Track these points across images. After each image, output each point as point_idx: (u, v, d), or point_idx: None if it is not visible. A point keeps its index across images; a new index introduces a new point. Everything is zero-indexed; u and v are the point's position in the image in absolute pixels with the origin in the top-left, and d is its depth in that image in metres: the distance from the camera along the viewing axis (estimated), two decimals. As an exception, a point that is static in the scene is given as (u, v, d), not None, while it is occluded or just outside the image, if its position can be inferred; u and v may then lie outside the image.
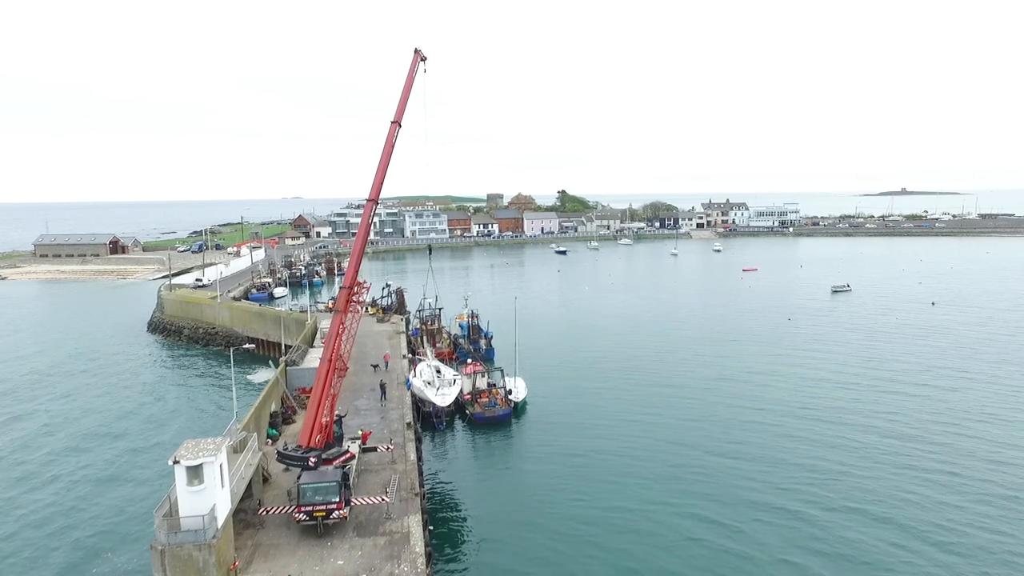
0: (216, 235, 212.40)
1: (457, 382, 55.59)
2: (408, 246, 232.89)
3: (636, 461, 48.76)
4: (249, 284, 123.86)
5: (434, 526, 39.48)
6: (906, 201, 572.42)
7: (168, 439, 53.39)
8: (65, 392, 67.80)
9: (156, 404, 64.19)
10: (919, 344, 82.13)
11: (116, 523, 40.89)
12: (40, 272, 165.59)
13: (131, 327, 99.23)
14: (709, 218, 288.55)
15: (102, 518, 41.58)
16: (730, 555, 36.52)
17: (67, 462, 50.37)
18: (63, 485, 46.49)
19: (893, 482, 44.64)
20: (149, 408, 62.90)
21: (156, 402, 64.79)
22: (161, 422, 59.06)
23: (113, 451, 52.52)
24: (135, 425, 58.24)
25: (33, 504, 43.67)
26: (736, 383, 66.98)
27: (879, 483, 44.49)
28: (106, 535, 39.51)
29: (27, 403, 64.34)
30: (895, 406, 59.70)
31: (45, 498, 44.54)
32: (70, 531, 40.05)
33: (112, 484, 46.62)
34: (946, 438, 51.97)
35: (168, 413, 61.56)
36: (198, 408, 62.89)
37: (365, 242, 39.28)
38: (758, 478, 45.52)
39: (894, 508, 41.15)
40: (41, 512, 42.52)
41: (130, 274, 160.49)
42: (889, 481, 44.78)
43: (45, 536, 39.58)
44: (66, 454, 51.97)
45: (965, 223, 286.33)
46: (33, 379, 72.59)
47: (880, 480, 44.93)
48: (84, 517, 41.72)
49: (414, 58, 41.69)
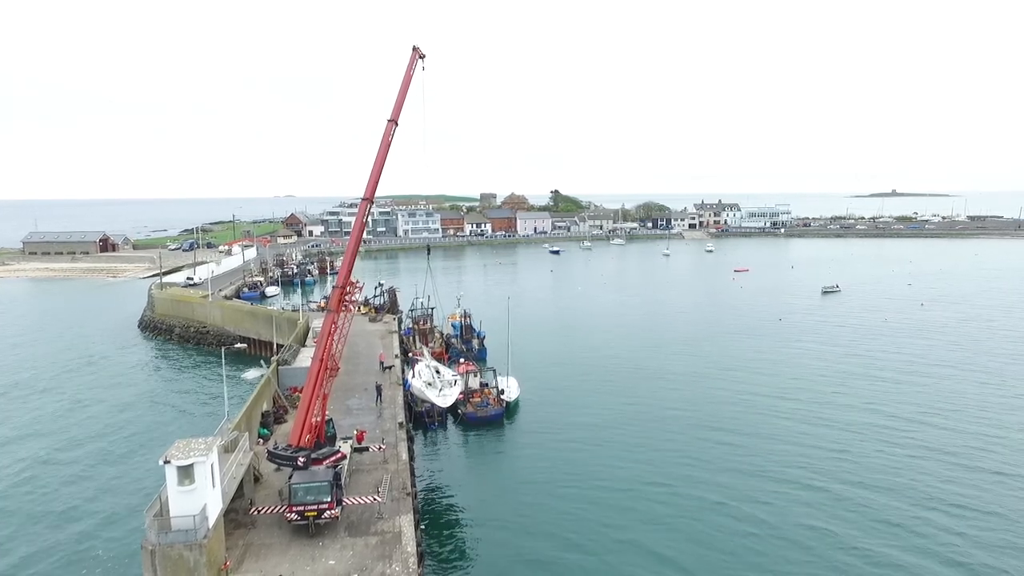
0: (207, 233, 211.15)
1: (458, 383, 55.62)
2: (401, 245, 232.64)
3: (627, 461, 48.97)
4: (241, 283, 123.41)
5: (426, 526, 39.54)
6: (896, 203, 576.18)
7: (159, 438, 53.12)
8: (53, 391, 67.32)
9: (147, 404, 63.86)
10: (906, 342, 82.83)
11: (106, 523, 40.68)
12: (29, 270, 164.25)
13: (121, 326, 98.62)
14: (701, 219, 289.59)
15: (92, 518, 41.34)
16: (724, 556, 36.76)
17: (56, 462, 50.02)
18: (52, 485, 46.18)
19: (875, 461, 45.35)
20: (139, 408, 62.57)
21: (147, 401, 64.46)
22: (152, 421, 58.76)
23: (103, 451, 52.21)
24: (125, 425, 57.90)
25: (22, 504, 43.36)
26: (726, 382, 67.32)
27: (865, 463, 45.24)
28: (96, 535, 39.30)
29: (15, 402, 63.85)
30: (877, 398, 61.06)
31: (33, 498, 44.23)
32: (59, 531, 39.82)
33: (102, 484, 46.35)
34: (930, 426, 52.76)
35: (159, 412, 61.26)
36: (189, 408, 62.64)
37: (359, 241, 39.21)
38: (750, 473, 45.86)
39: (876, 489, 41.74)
40: (30, 512, 42.22)
41: (120, 272, 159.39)
42: (871, 460, 45.48)
43: (34, 536, 39.31)
44: (55, 454, 51.62)
45: (954, 225, 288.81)
46: (21, 378, 72.03)
47: (862, 460, 45.60)
48: (73, 517, 41.47)
49: (412, 56, 41.58)
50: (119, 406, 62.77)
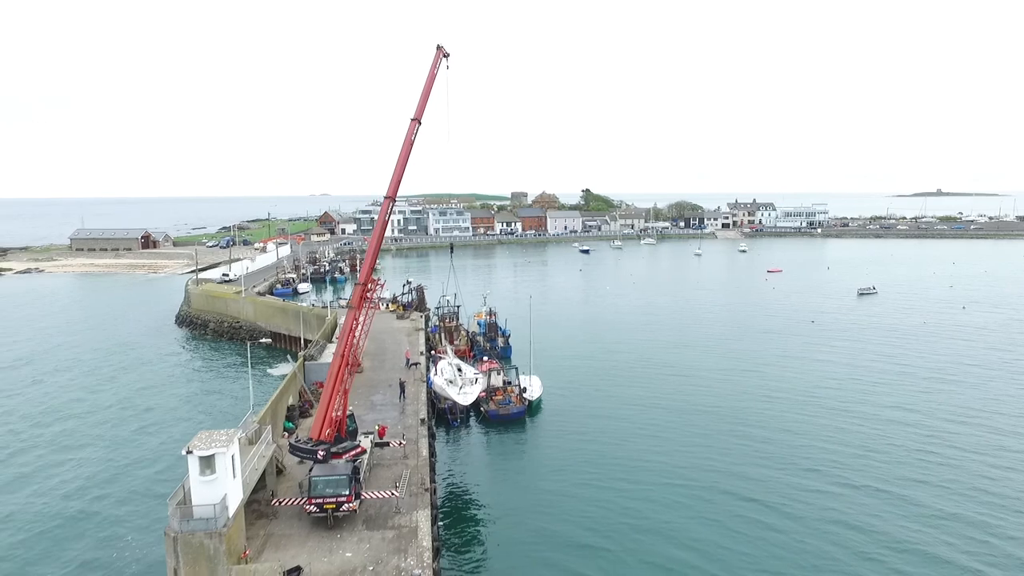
0: (244, 231, 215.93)
1: (479, 381, 55.92)
2: (431, 244, 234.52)
3: (649, 462, 48.59)
4: (274, 279, 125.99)
5: (444, 521, 39.87)
6: (941, 203, 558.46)
7: (185, 430, 54.66)
8: (91, 382, 69.73)
9: (177, 395, 65.72)
10: (944, 346, 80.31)
11: (132, 510, 42.02)
12: (75, 265, 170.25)
13: (160, 320, 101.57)
14: (735, 218, 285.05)
15: (119, 505, 42.77)
16: (747, 558, 36.25)
17: (88, 449, 51.87)
18: (84, 471, 47.89)
19: (903, 467, 44.18)
20: (170, 399, 64.42)
21: (177, 393, 66.33)
22: (181, 413, 60.45)
23: (133, 440, 53.91)
24: (156, 415, 59.69)
25: (53, 489, 45.07)
26: (753, 382, 66.24)
27: (897, 468, 44.23)
28: (122, 521, 40.64)
29: (53, 392, 66.33)
30: (910, 400, 59.44)
31: (65, 483, 45.95)
32: (87, 518, 41.26)
33: (130, 472, 47.89)
34: (959, 430, 51.04)
35: (188, 404, 62.99)
36: (217, 400, 64.22)
37: (381, 239, 39.72)
38: (777, 475, 45.10)
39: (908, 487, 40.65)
40: (60, 496, 43.88)
41: (161, 268, 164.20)
42: (900, 466, 44.31)
43: (64, 520, 40.86)
44: (88, 441, 53.51)
45: (1002, 225, 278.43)
46: (60, 366, 74.80)
47: (894, 464, 44.49)
48: (102, 504, 42.96)
49: (436, 55, 41.91)
50: (150, 397, 64.72)
